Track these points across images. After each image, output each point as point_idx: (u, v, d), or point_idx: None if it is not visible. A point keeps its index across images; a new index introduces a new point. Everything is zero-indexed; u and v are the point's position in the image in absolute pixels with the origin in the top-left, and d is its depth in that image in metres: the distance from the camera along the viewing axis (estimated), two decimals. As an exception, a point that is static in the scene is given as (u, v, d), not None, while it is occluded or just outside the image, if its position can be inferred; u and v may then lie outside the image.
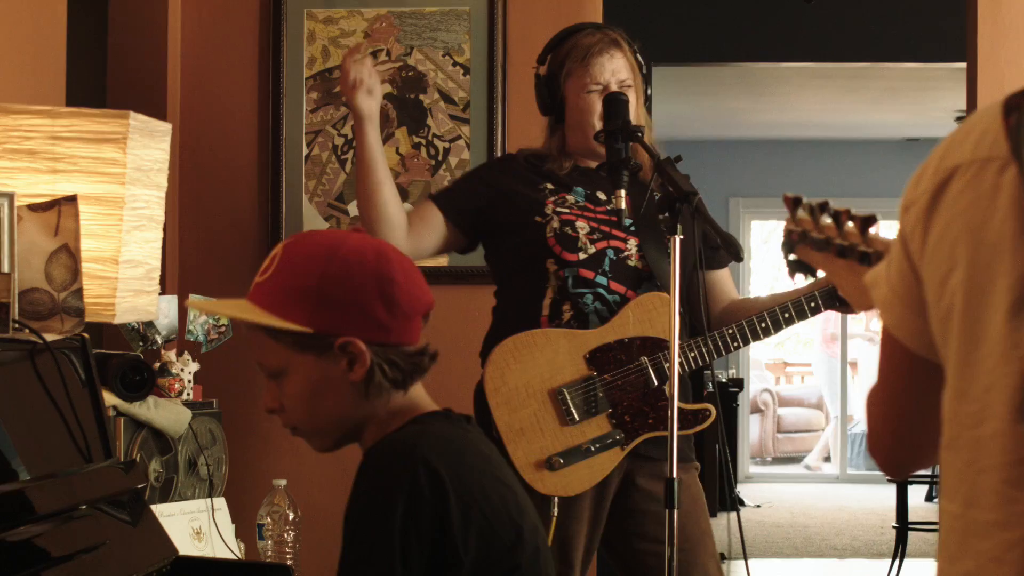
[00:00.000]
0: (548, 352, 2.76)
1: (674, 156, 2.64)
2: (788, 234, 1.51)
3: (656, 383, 2.79)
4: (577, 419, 2.76)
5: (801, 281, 1.61)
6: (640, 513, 2.83)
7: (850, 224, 1.43)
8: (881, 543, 7.52)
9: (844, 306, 2.83)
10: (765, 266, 11.62)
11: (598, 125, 2.81)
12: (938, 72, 7.38)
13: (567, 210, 2.83)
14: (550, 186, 2.86)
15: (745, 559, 2.67)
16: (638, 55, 2.90)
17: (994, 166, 1.14)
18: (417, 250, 2.84)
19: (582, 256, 2.80)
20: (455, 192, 2.98)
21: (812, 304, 2.82)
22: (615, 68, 2.84)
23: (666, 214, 2.56)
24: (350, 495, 1.67)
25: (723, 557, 6.95)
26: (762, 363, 11.82)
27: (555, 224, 2.81)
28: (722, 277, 3.01)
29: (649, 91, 2.97)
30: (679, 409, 2.76)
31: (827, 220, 1.45)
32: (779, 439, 11.23)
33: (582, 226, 2.82)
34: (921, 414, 1.28)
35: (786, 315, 2.82)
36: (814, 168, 10.56)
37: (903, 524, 6.12)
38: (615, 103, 2.75)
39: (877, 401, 1.35)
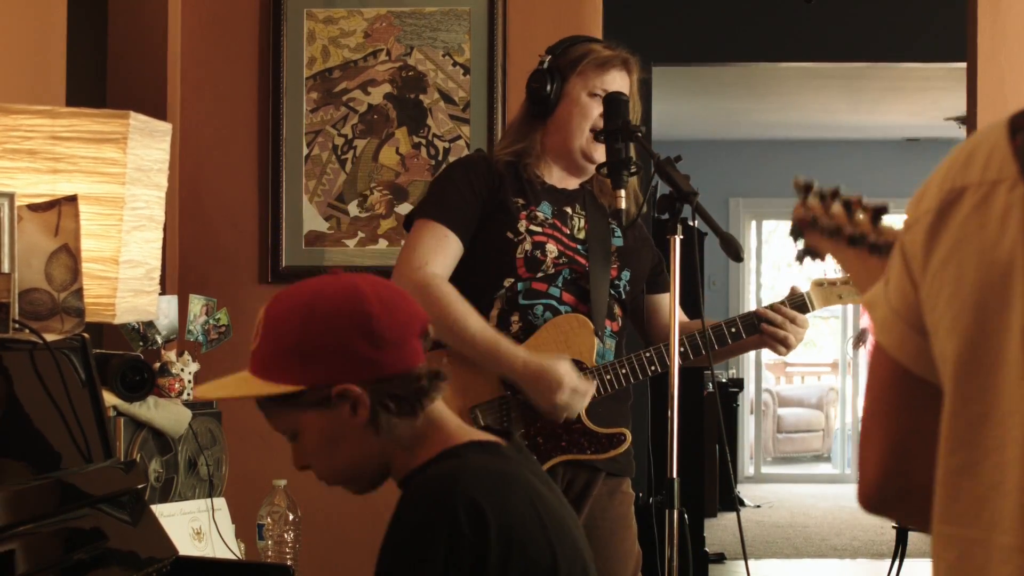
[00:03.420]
0: (467, 371, 2.70)
1: (674, 156, 2.63)
2: (798, 220, 1.49)
3: None
4: None
5: (809, 267, 1.59)
6: (592, 528, 2.78)
7: (861, 214, 1.42)
8: (881, 543, 7.51)
9: (765, 337, 2.81)
10: (765, 266, 11.62)
11: (589, 131, 2.80)
12: (938, 72, 7.38)
13: (539, 228, 2.79)
14: (520, 201, 2.80)
15: (745, 559, 2.67)
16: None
17: (1003, 187, 1.14)
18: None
19: (539, 276, 2.77)
20: (458, 213, 2.80)
21: (732, 330, 2.80)
22: (622, 85, 2.84)
23: (665, 215, 2.56)
24: (388, 532, 1.65)
25: (723, 557, 6.96)
26: (762, 363, 11.81)
27: (527, 246, 2.76)
28: (665, 301, 2.95)
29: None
30: (593, 432, 2.74)
31: (838, 207, 1.44)
32: (779, 439, 11.23)
33: (551, 249, 2.77)
34: (920, 441, 1.24)
35: (705, 340, 2.79)
36: (814, 168, 10.55)
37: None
38: (615, 103, 2.74)
39: (870, 433, 1.28)
